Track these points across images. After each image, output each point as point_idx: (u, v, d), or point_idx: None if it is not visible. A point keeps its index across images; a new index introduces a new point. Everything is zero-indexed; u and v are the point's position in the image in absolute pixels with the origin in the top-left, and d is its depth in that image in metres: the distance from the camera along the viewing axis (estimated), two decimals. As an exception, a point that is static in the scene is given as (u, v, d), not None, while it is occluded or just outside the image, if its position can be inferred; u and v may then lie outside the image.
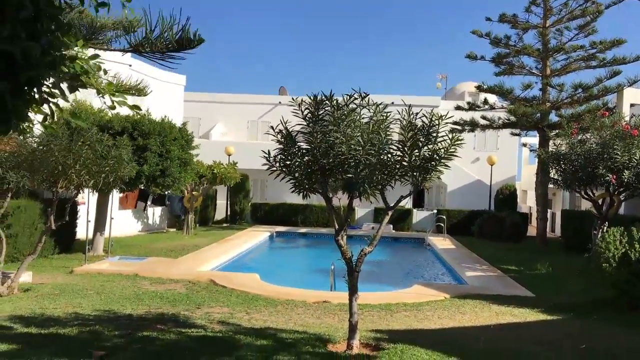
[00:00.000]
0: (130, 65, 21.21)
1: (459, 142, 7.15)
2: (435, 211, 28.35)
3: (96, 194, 15.90)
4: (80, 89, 4.53)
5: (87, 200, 15.49)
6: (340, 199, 7.79)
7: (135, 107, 4.40)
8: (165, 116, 17.53)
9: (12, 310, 8.98)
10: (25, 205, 14.24)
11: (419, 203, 31.19)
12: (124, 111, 18.43)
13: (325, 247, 22.88)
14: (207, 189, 24.56)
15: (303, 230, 26.60)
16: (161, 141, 16.26)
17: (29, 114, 2.83)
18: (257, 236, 23.01)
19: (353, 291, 7.13)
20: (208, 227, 26.49)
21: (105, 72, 3.12)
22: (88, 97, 17.81)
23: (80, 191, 12.04)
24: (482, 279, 14.16)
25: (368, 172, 6.78)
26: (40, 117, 2.90)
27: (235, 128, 33.03)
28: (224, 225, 27.75)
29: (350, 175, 6.82)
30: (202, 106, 32.27)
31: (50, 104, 2.68)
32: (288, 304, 10.47)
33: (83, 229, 16.80)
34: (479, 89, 23.53)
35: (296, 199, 29.45)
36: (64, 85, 2.99)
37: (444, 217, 25.85)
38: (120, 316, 8.94)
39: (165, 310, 9.56)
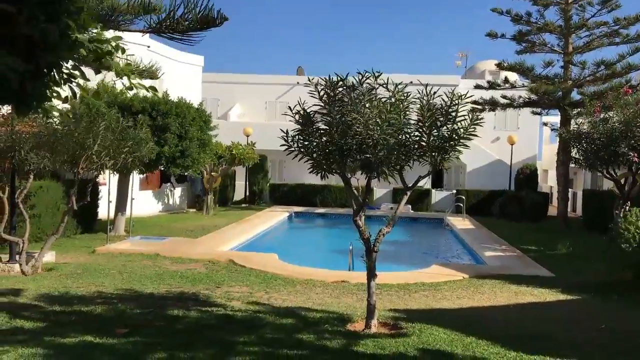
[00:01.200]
0: (148, 47, 21.24)
1: (478, 121, 7.08)
2: (454, 191, 28.20)
3: (117, 175, 16.11)
4: (104, 70, 4.54)
5: (108, 181, 15.68)
6: (358, 180, 7.78)
7: (152, 89, 4.42)
8: (182, 97, 17.57)
9: (37, 289, 9.18)
10: (48, 186, 14.46)
11: (438, 183, 31.01)
12: (143, 91, 18.57)
13: (343, 228, 22.91)
14: (225, 169, 24.70)
15: (321, 210, 26.69)
16: (180, 122, 16.34)
17: (52, 95, 2.86)
18: (275, 217, 23.14)
19: (371, 271, 7.15)
20: (227, 207, 26.68)
21: (124, 51, 3.12)
22: (110, 77, 17.90)
23: (101, 172, 12.18)
24: (501, 259, 14.12)
25: (386, 153, 6.75)
26: (63, 98, 2.93)
27: (254, 109, 33.04)
28: (243, 205, 27.92)
29: (368, 156, 6.80)
30: (221, 87, 32.27)
31: (71, 85, 2.70)
32: (307, 284, 10.55)
33: (105, 210, 17.03)
34: (500, 66, 23.18)
35: (314, 179, 29.30)
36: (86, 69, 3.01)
37: (463, 197, 25.69)
38: (141, 295, 9.09)
39: (185, 289, 9.69)
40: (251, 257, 13.06)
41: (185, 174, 18.70)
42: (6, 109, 10.77)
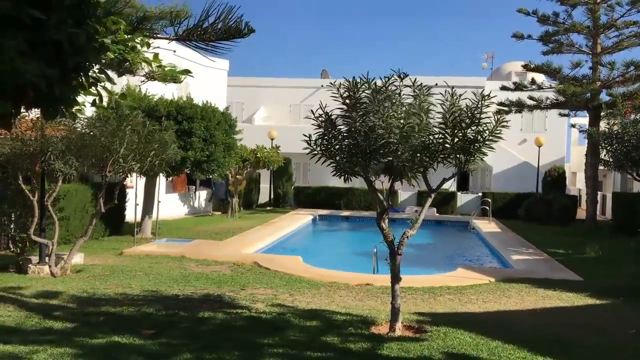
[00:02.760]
0: (174, 51, 21.43)
1: (504, 123, 7.01)
2: (480, 194, 27.93)
3: (144, 178, 16.32)
4: (128, 74, 4.59)
5: (135, 185, 15.90)
6: (382, 182, 7.75)
7: (185, 72, 4.41)
8: (207, 101, 17.73)
9: (66, 290, 9.34)
10: (77, 189, 14.72)
11: (463, 186, 30.75)
12: (168, 93, 18.74)
13: (367, 231, 22.83)
14: (250, 172, 24.86)
15: (345, 213, 26.66)
16: (205, 126, 16.49)
17: (79, 97, 2.91)
18: (300, 219, 23.19)
19: (395, 274, 7.12)
20: (252, 210, 26.83)
21: (149, 45, 3.17)
22: (135, 81, 18.16)
23: (128, 175, 12.36)
24: (528, 263, 13.92)
25: (409, 155, 6.73)
26: (90, 99, 2.99)
27: (278, 112, 33.20)
28: (268, 208, 28.05)
29: (391, 159, 6.78)
30: (245, 91, 32.49)
31: (98, 88, 2.75)
32: (331, 286, 10.54)
33: (132, 212, 17.26)
34: (526, 67, 22.88)
35: (338, 182, 29.24)
36: (111, 73, 3.05)
37: (489, 200, 25.42)
38: (167, 296, 9.18)
39: (210, 291, 9.77)
40: (276, 260, 13.10)
41: (210, 177, 18.86)
42: (34, 113, 11.00)
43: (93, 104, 2.88)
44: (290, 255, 13.79)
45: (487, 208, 24.83)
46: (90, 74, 2.77)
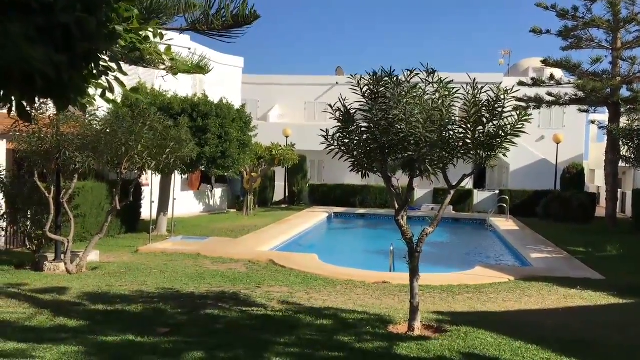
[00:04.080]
0: (189, 49, 21.46)
1: (526, 117, 6.83)
2: (497, 192, 27.58)
3: (159, 176, 16.30)
4: (141, 67, 4.45)
5: (150, 182, 15.88)
6: (398, 180, 7.59)
7: (199, 67, 4.33)
8: (223, 98, 17.67)
9: (81, 287, 9.30)
10: (93, 186, 14.73)
11: (480, 183, 30.39)
12: (183, 90, 18.72)
13: (383, 228, 22.65)
14: (265, 170, 24.77)
15: (361, 211, 26.47)
16: (220, 123, 16.43)
17: (90, 89, 2.81)
18: (315, 217, 23.06)
19: (414, 272, 6.97)
20: (267, 208, 26.74)
21: (162, 36, 3.06)
22: (149, 78, 18.18)
23: (144, 172, 12.33)
24: (548, 261, 13.67)
25: (428, 150, 6.56)
26: (100, 92, 2.88)
27: (293, 110, 33.07)
28: (283, 206, 27.96)
29: (411, 154, 6.62)
30: (260, 88, 32.41)
31: (109, 78, 2.64)
32: (347, 284, 10.41)
33: (147, 210, 17.26)
34: (545, 63, 22.54)
35: (354, 180, 29.20)
36: (124, 65, 2.94)
37: (507, 197, 25.09)
38: (182, 294, 9.11)
39: (226, 288, 9.68)
40: (291, 258, 13.00)
41: (225, 174, 18.79)
42: (51, 110, 10.99)
43: (102, 95, 2.77)
44: (306, 253, 13.68)
45: (505, 206, 24.51)
46: (100, 62, 2.66)
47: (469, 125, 6.80)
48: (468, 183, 27.34)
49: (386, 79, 6.82)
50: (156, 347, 5.92)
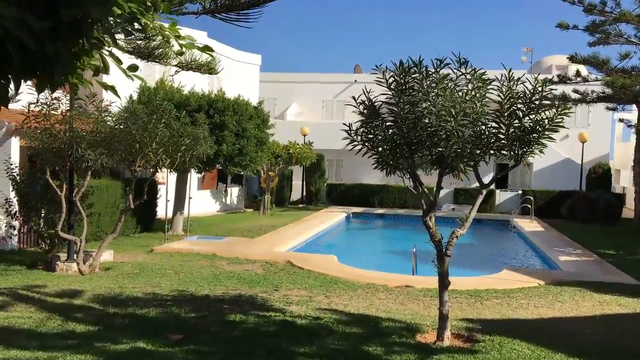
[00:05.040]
0: (206, 46, 21.13)
1: (565, 111, 6.35)
2: (519, 192, 26.89)
3: (175, 174, 15.98)
4: (152, 61, 4.04)
5: (166, 180, 15.56)
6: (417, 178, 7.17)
7: (206, 49, 3.91)
8: (240, 95, 17.29)
9: (93, 289, 8.97)
10: (107, 185, 14.44)
11: (501, 183, 29.71)
12: (198, 84, 18.37)
13: (403, 229, 22.18)
14: (282, 169, 24.37)
15: (380, 211, 25.93)
16: (237, 120, 16.05)
17: (81, 67, 2.38)
18: (333, 217, 22.60)
19: (443, 278, 6.49)
20: (284, 207, 26.34)
21: (168, 10, 2.67)
22: (165, 74, 17.87)
23: (159, 170, 11.98)
24: (577, 264, 13.08)
25: (461, 146, 6.09)
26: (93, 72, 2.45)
27: (310, 108, 32.64)
28: (300, 205, 27.53)
29: (441, 149, 6.15)
30: (277, 86, 32.02)
31: (102, 52, 2.22)
32: (368, 288, 9.95)
33: (163, 209, 16.97)
34: (572, 60, 21.80)
35: (372, 179, 28.77)
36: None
37: (531, 197, 24.39)
38: (197, 297, 8.73)
39: (242, 291, 9.28)
40: (310, 259, 12.56)
41: (242, 173, 18.41)
42: (64, 106, 10.68)
43: (95, 73, 2.36)
44: (324, 255, 13.24)
45: (529, 206, 23.83)
46: (93, 34, 2.23)
47: (502, 119, 6.32)
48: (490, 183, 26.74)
49: (414, 69, 6.36)
50: (168, 356, 5.53)
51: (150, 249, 13.44)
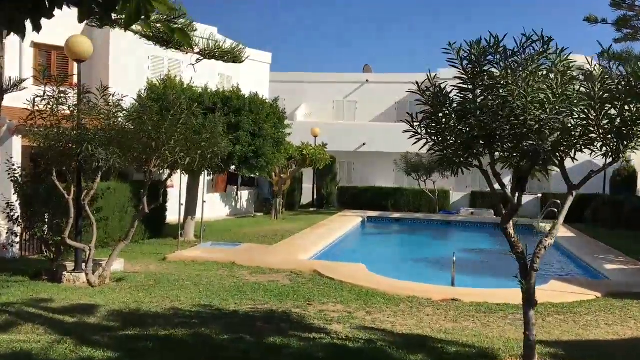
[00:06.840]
0: (216, 42, 20.14)
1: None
2: (539, 195, 25.90)
3: (185, 178, 14.95)
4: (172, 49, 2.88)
5: (179, 183, 14.54)
6: (435, 182, 6.16)
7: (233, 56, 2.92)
8: (255, 92, 16.27)
9: (106, 303, 7.94)
10: (115, 187, 13.41)
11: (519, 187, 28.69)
12: (212, 82, 17.39)
13: (422, 234, 21.19)
14: (295, 171, 23.35)
15: (396, 215, 24.89)
16: (253, 119, 15.03)
17: None
18: (349, 222, 21.56)
19: (530, 295, 5.49)
20: (295, 211, 25.29)
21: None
22: (176, 71, 16.88)
23: (174, 171, 10.97)
24: (626, 273, 12.06)
25: (556, 139, 5.09)
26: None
27: (320, 108, 31.62)
28: (311, 209, 26.48)
29: (532, 143, 5.13)
30: (287, 86, 30.96)
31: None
32: (411, 302, 8.92)
33: (171, 213, 15.95)
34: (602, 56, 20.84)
35: (385, 182, 27.77)
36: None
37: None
38: (225, 313, 7.71)
39: (273, 306, 8.26)
40: (337, 268, 11.53)
41: (257, 175, 17.38)
42: (71, 101, 9.67)
43: (129, 21, 1.37)
44: (352, 263, 12.21)
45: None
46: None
47: (595, 108, 5.32)
48: (507, 186, 25.75)
49: (491, 50, 5.36)
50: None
51: (162, 256, 12.41)
